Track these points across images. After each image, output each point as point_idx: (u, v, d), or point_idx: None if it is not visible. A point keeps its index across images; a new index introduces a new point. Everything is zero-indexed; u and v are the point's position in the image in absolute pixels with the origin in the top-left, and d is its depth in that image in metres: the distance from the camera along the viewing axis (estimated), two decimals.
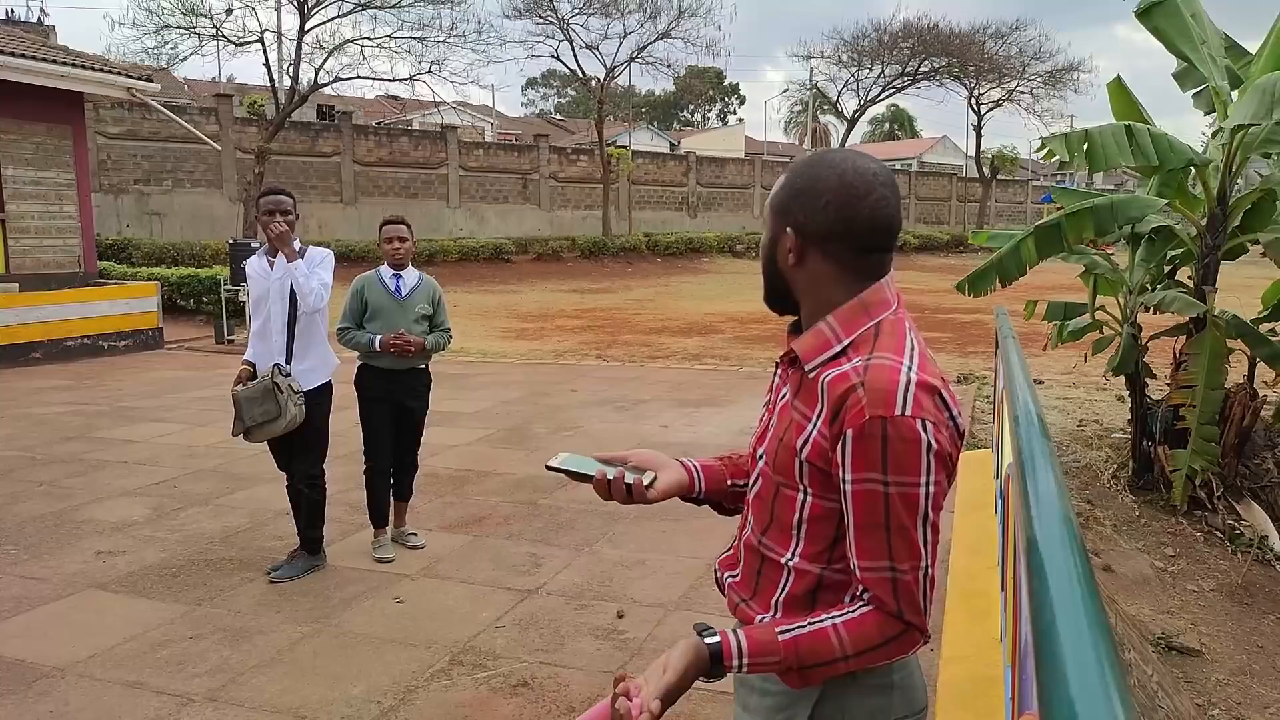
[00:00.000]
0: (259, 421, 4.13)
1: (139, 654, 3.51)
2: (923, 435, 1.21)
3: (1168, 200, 6.03)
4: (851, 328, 1.30)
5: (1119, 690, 0.63)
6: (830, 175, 1.31)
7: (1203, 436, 5.54)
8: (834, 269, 1.32)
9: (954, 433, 1.26)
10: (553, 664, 3.45)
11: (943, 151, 59.46)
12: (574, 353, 12.39)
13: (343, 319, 4.52)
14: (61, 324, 11.80)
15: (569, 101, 67.11)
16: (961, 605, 2.94)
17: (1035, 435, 1.50)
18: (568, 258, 26.68)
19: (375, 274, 4.63)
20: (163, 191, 21.66)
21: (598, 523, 5.11)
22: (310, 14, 21.37)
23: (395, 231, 4.59)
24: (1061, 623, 0.71)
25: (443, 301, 4.74)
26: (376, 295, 4.54)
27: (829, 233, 1.29)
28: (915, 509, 1.22)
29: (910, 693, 1.37)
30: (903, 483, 1.21)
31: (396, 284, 4.59)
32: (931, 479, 1.22)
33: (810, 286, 1.34)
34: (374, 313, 4.50)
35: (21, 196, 12.47)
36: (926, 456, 1.21)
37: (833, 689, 1.33)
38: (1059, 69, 39.42)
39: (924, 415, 1.21)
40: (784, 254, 1.35)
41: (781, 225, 1.35)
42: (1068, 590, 0.77)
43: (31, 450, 6.82)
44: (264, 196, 4.30)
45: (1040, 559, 0.85)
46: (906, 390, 1.22)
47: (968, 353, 12.13)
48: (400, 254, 4.55)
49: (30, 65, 11.88)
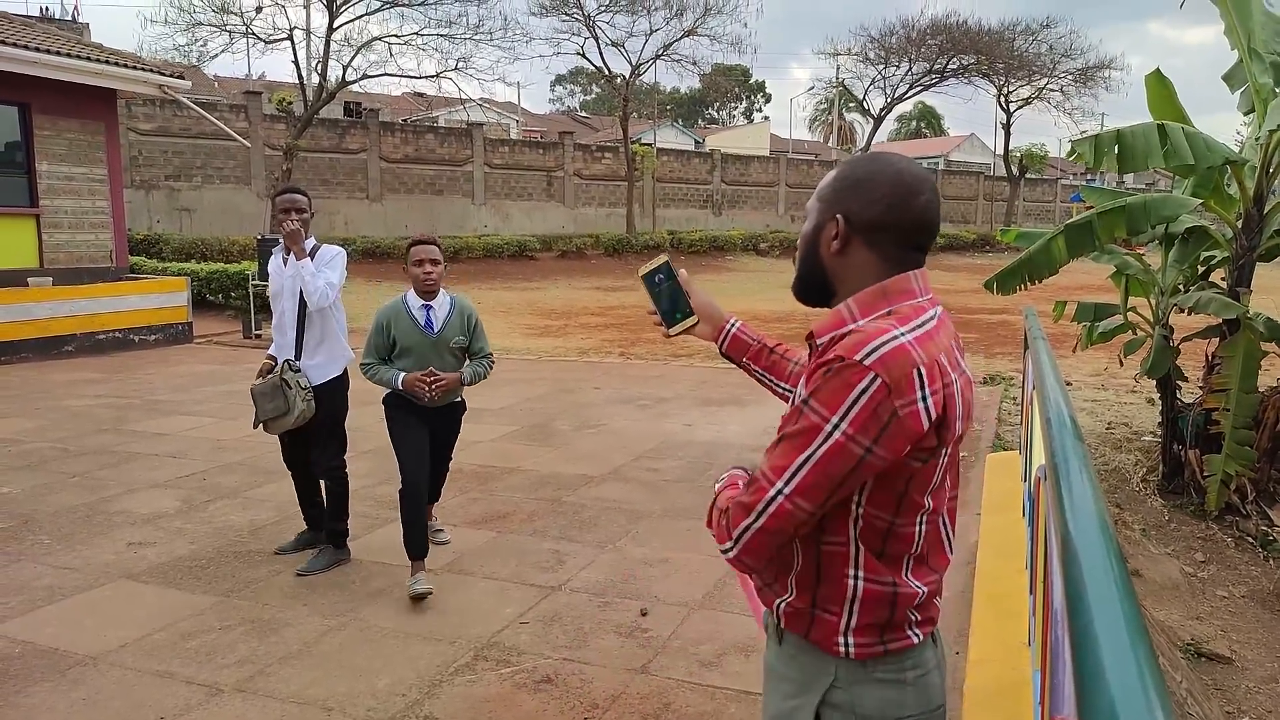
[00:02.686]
0: (271, 416, 4.30)
1: (169, 644, 3.57)
2: (863, 384, 1.21)
3: (1202, 200, 5.94)
4: (868, 311, 1.34)
5: (1158, 694, 0.62)
6: (888, 170, 1.38)
7: (1237, 440, 5.46)
8: (875, 260, 1.36)
9: (919, 410, 1.24)
10: (576, 660, 3.46)
11: (970, 150, 58.94)
12: (597, 350, 12.41)
13: (366, 353, 4.06)
14: (93, 317, 11.99)
15: (595, 99, 67.18)
16: (989, 608, 2.91)
17: (1068, 438, 1.48)
18: (592, 255, 26.72)
19: (401, 304, 4.09)
20: (192, 187, 21.94)
21: (621, 520, 5.12)
22: (339, 12, 21.55)
23: (427, 253, 4.03)
24: (1099, 625, 0.70)
25: (480, 326, 4.23)
26: (405, 331, 4.04)
27: (879, 224, 1.35)
28: (811, 436, 1.24)
29: (926, 690, 1.38)
30: (817, 409, 1.24)
31: (427, 317, 4.07)
32: (847, 425, 1.22)
33: (848, 275, 1.38)
34: (403, 350, 4.03)
35: (55, 192, 12.67)
36: (853, 403, 1.21)
37: (843, 679, 1.36)
38: (1090, 66, 38.90)
39: (880, 371, 1.22)
40: (828, 241, 1.39)
41: (831, 213, 1.39)
42: (1105, 593, 0.76)
43: (64, 442, 6.94)
44: (280, 195, 4.38)
45: (1076, 562, 0.85)
46: (880, 346, 1.24)
47: (994, 353, 12.02)
48: (432, 280, 4.02)
49: (65, 62, 12.07)
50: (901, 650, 1.37)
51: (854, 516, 1.33)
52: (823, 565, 1.37)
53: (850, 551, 1.34)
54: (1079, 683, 0.65)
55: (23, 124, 12.27)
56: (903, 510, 1.33)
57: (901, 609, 1.36)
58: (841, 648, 1.37)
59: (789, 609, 1.41)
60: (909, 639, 1.37)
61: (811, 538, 1.37)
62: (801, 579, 1.40)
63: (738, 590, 4.08)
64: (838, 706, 1.36)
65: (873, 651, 1.36)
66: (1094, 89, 39.55)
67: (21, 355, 11.13)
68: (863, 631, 1.36)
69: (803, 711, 1.39)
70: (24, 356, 11.13)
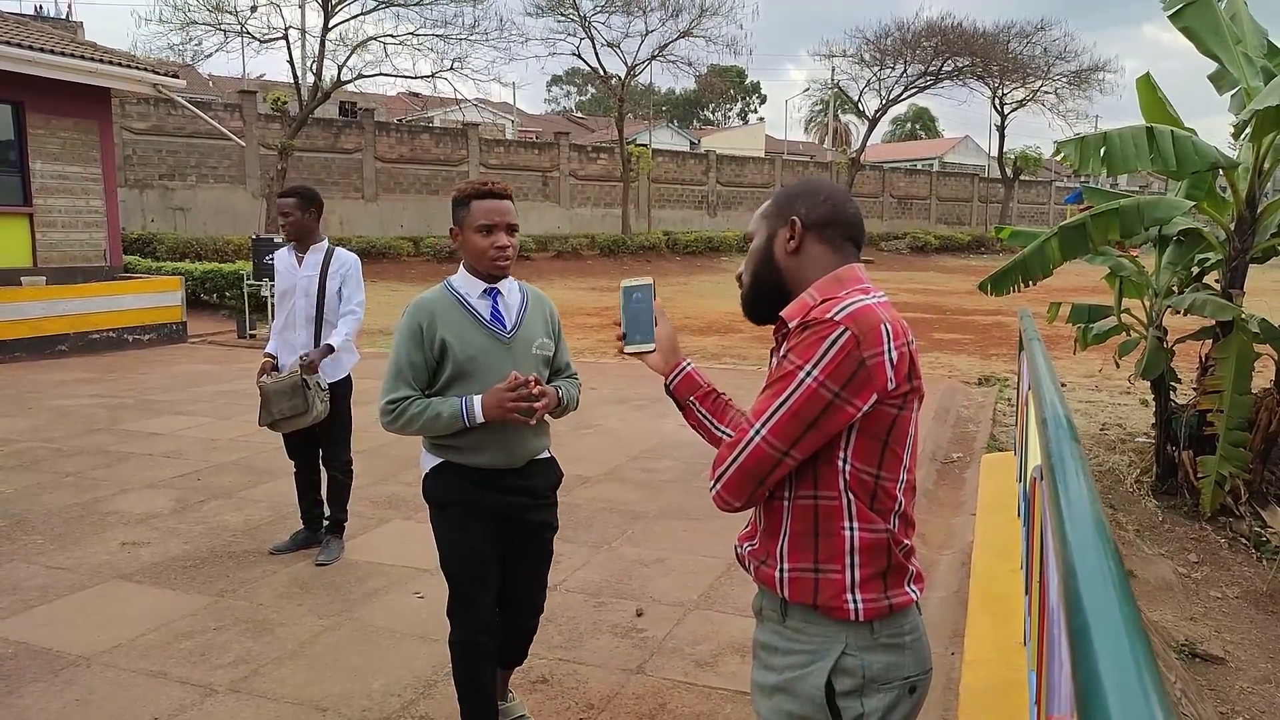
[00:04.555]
0: (286, 415, 4.27)
1: (163, 644, 3.56)
2: (831, 335, 1.39)
3: (1196, 202, 5.96)
4: (828, 295, 1.51)
5: (1157, 693, 0.62)
6: (823, 182, 1.65)
7: (1232, 442, 5.48)
8: (828, 251, 1.56)
9: (884, 361, 1.40)
10: (571, 661, 3.46)
11: (965, 152, 59.05)
12: (593, 350, 12.40)
13: (393, 387, 2.56)
14: (87, 317, 11.95)
15: (590, 100, 67.16)
16: (984, 608, 2.92)
17: (1065, 438, 1.50)
18: (587, 255, 26.71)
19: (447, 294, 2.64)
20: (187, 187, 21.88)
21: (616, 520, 5.11)
22: (334, 11, 21.52)
23: (501, 213, 2.57)
24: (1097, 625, 0.71)
25: (561, 328, 2.86)
26: (462, 334, 2.58)
27: (828, 219, 1.57)
28: (787, 382, 1.40)
29: (920, 653, 1.52)
30: (793, 362, 1.41)
31: (494, 309, 2.65)
32: (818, 372, 1.39)
33: (804, 270, 1.56)
34: (461, 368, 2.56)
35: (49, 191, 12.62)
36: (824, 352, 1.38)
37: (853, 645, 1.47)
38: (1084, 69, 38.98)
39: (849, 325, 1.40)
40: (783, 245, 1.58)
41: (783, 219, 1.59)
42: (1103, 592, 0.77)
43: (57, 442, 6.91)
44: (282, 197, 4.42)
45: (1073, 562, 0.85)
46: (850, 304, 1.43)
47: (989, 355, 12.05)
48: (506, 258, 2.61)
49: (58, 61, 12.02)
50: (903, 608, 1.49)
51: (842, 470, 1.46)
52: (819, 521, 1.48)
53: (843, 504, 1.47)
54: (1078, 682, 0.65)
55: (16, 123, 12.22)
56: (885, 464, 1.46)
57: (897, 555, 1.48)
58: (851, 606, 1.46)
59: (792, 576, 1.50)
60: (908, 594, 1.50)
61: (807, 496, 1.48)
62: (799, 542, 1.50)
63: (734, 590, 4.08)
64: (848, 671, 1.46)
65: (879, 608, 1.47)
66: (1088, 91, 39.65)
67: (14, 355, 11.08)
68: (867, 585, 1.46)
69: (814, 678, 1.47)
70: (17, 356, 11.08)
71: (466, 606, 2.67)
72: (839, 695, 1.46)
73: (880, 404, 1.42)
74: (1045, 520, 1.67)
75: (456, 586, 2.69)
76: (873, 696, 1.45)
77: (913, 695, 1.49)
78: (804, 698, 1.47)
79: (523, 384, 2.50)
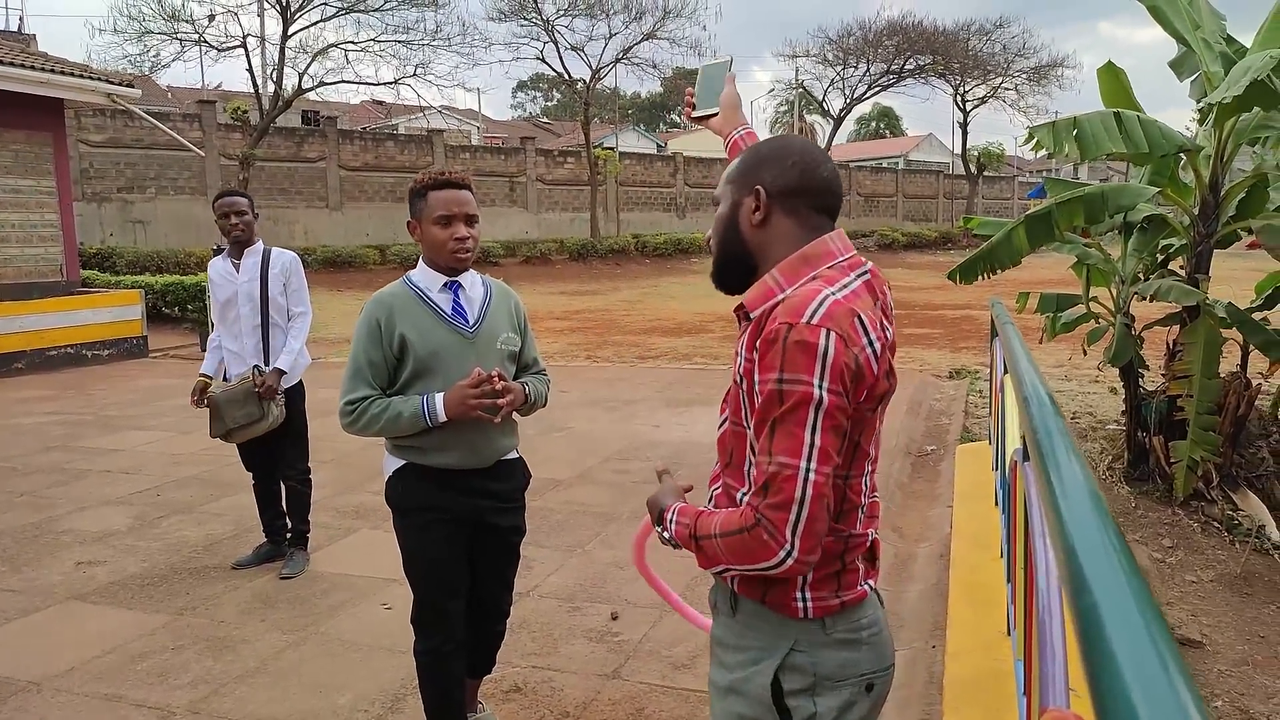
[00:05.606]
0: (241, 424, 4.13)
1: (118, 666, 3.41)
2: (821, 341, 1.27)
3: (1159, 189, 5.99)
4: (793, 278, 1.39)
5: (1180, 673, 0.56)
6: (794, 144, 1.48)
7: (1201, 426, 5.49)
8: (794, 225, 1.43)
9: (869, 356, 1.31)
10: (546, 668, 3.36)
11: (929, 150, 59.62)
12: (563, 354, 12.30)
13: (352, 387, 2.45)
14: (43, 333, 11.65)
15: (556, 105, 67.04)
16: (965, 598, 2.86)
17: (1048, 414, 1.43)
18: (556, 260, 26.59)
19: (406, 289, 2.52)
20: (146, 199, 21.47)
21: (590, 523, 5.02)
22: (293, 19, 21.28)
23: (460, 204, 2.46)
24: (1106, 604, 0.64)
25: (528, 323, 2.76)
26: (422, 330, 2.46)
27: (795, 188, 1.43)
28: (805, 407, 1.26)
29: (879, 648, 1.43)
30: (795, 380, 1.27)
31: (455, 303, 2.53)
32: (826, 384, 1.26)
33: (770, 245, 1.44)
34: (423, 364, 2.45)
35: (1, 205, 12.30)
36: (821, 361, 1.27)
37: (803, 642, 1.38)
38: (1043, 65, 39.61)
39: (830, 326, 1.28)
40: (747, 215, 1.45)
41: (748, 187, 1.45)
42: (1108, 567, 0.70)
43: (12, 461, 6.69)
44: (219, 200, 4.25)
45: (1072, 538, 0.78)
46: (820, 304, 1.30)
47: (959, 348, 12.10)
48: (468, 249, 2.49)
49: (8, 72, 11.72)
50: (856, 603, 1.40)
51: None
52: None
53: None
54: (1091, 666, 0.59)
55: None
56: (854, 463, 1.37)
57: (852, 555, 1.40)
58: (800, 605, 1.38)
59: (743, 575, 1.40)
60: (860, 590, 1.41)
61: None
62: None
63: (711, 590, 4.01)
64: (798, 669, 1.38)
65: (829, 606, 1.38)
66: (1047, 87, 40.32)
67: None
68: (818, 585, 1.38)
69: (760, 676, 1.39)
70: None
71: (432, 615, 2.56)
72: (788, 694, 1.38)
73: (860, 405, 1.32)
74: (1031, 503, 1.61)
75: (422, 594, 2.57)
76: (826, 695, 1.37)
77: (870, 693, 1.41)
78: (752, 698, 1.40)
79: (486, 380, 2.40)
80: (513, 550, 2.74)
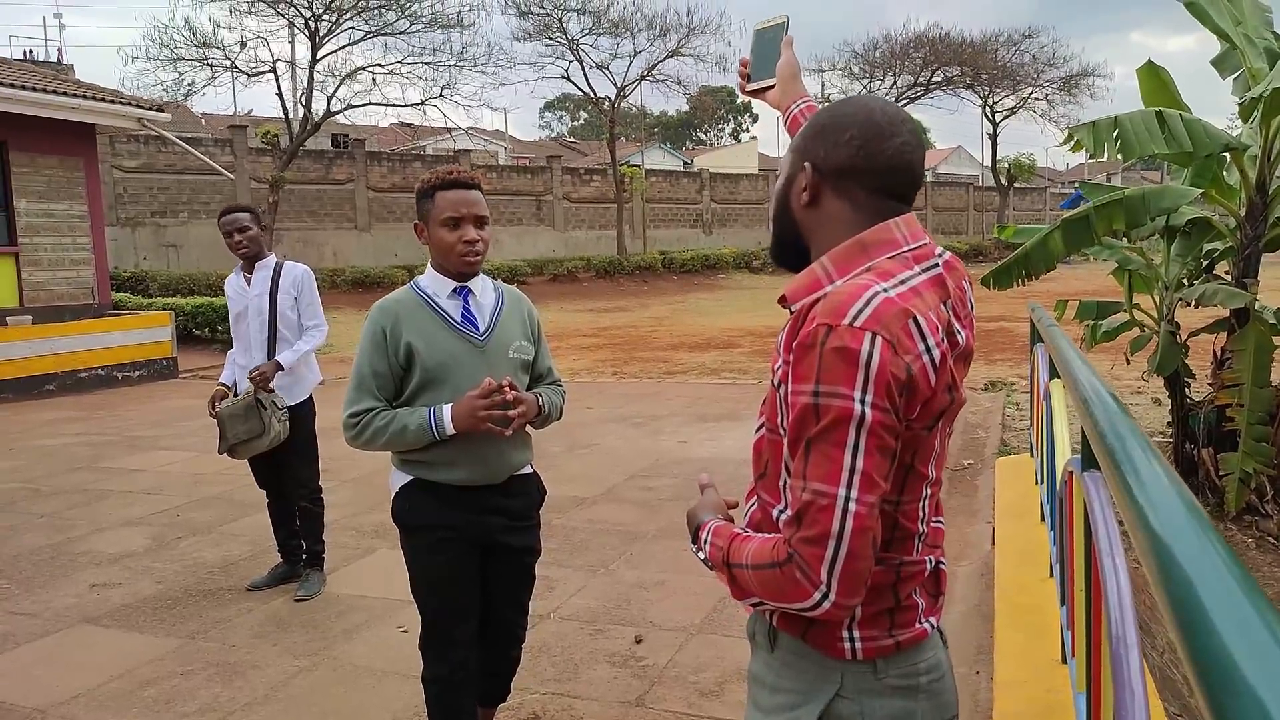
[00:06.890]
0: (243, 439, 4.06)
1: (125, 693, 3.30)
2: (864, 347, 1.06)
3: (1202, 190, 5.76)
4: (845, 268, 1.19)
5: None
6: (858, 111, 1.24)
7: (1254, 437, 5.24)
8: (847, 209, 1.22)
9: (925, 365, 1.10)
10: (566, 694, 3.20)
11: (958, 161, 59.14)
12: (590, 370, 12.18)
13: (356, 399, 2.33)
14: (74, 355, 11.73)
15: (583, 124, 67.42)
16: (1012, 622, 2.67)
17: (1115, 416, 1.25)
18: (583, 278, 26.55)
19: (413, 295, 2.41)
20: (179, 223, 21.75)
21: (614, 542, 4.86)
22: (322, 43, 21.53)
23: (469, 204, 2.33)
24: (1231, 635, 0.49)
25: (542, 331, 2.62)
26: (431, 339, 2.33)
27: (848, 168, 1.21)
28: (844, 425, 1.06)
29: (940, 696, 1.22)
30: (833, 393, 1.07)
31: (465, 310, 2.40)
32: (869, 398, 1.06)
33: (820, 229, 1.24)
34: (431, 374, 2.31)
35: (35, 229, 12.45)
36: (864, 371, 1.06)
37: (850, 687, 1.18)
38: (1074, 74, 39.04)
39: (876, 329, 1.07)
40: (798, 193, 1.25)
41: (800, 162, 1.25)
42: (1224, 589, 0.55)
43: (35, 482, 6.67)
44: (222, 217, 4.18)
45: (1173, 557, 0.63)
46: (867, 303, 1.09)
47: (993, 360, 11.81)
48: (477, 253, 2.36)
49: (41, 98, 11.89)
50: (913, 643, 1.20)
51: None
52: None
53: None
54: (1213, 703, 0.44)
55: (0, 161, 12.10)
56: (908, 487, 1.16)
57: (908, 588, 1.20)
58: (847, 645, 1.18)
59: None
60: (919, 629, 1.20)
61: None
62: None
63: (740, 613, 3.83)
64: (841, 718, 1.18)
65: (883, 646, 1.18)
66: (1079, 97, 39.69)
67: (1, 396, 10.86)
68: (869, 623, 1.18)
69: None
70: (4, 397, 10.85)
71: (441, 640, 2.41)
72: None
73: (913, 423, 1.11)
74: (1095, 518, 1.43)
75: (430, 618, 2.43)
76: None
77: None
78: None
79: (496, 390, 2.24)
80: (527, 571, 2.59)
